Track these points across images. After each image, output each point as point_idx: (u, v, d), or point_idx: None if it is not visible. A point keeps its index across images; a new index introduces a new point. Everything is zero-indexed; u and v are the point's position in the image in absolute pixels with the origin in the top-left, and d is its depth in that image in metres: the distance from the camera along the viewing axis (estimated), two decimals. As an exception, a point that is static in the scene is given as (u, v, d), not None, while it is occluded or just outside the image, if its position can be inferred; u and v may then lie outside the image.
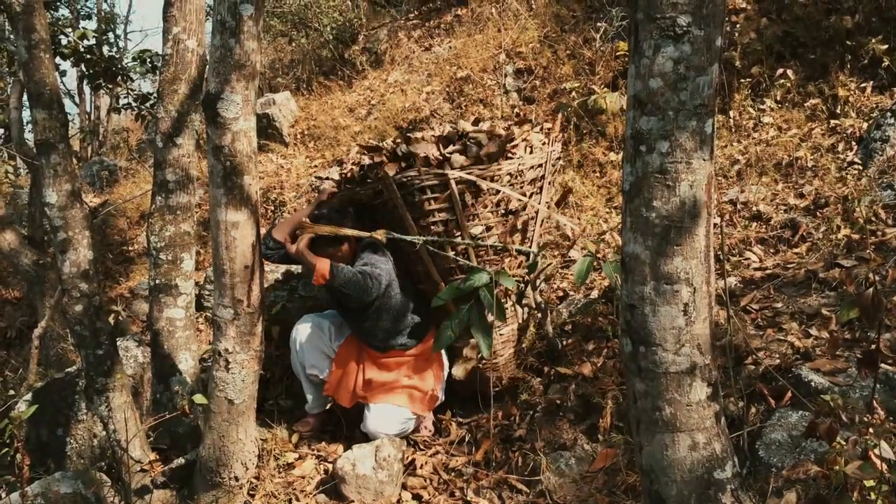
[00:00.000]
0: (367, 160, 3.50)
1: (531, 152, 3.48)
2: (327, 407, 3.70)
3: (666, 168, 1.77)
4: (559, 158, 3.80)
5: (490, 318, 2.67)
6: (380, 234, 3.32)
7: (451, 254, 3.40)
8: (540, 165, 3.51)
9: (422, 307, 3.54)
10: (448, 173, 3.25)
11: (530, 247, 3.62)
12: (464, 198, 3.32)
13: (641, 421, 1.98)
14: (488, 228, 3.44)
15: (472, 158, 3.30)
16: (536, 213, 3.58)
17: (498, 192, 3.38)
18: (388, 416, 3.42)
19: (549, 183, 3.65)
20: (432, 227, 3.37)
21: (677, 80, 1.72)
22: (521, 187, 3.47)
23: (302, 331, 3.60)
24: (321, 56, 8.54)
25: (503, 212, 3.46)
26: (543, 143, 3.55)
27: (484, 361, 3.52)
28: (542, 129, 3.64)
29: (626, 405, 3.04)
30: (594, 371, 3.38)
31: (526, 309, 4.00)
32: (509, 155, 3.39)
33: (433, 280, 3.48)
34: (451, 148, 3.32)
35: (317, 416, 3.69)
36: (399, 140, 3.50)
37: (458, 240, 3.39)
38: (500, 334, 3.60)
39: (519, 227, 3.55)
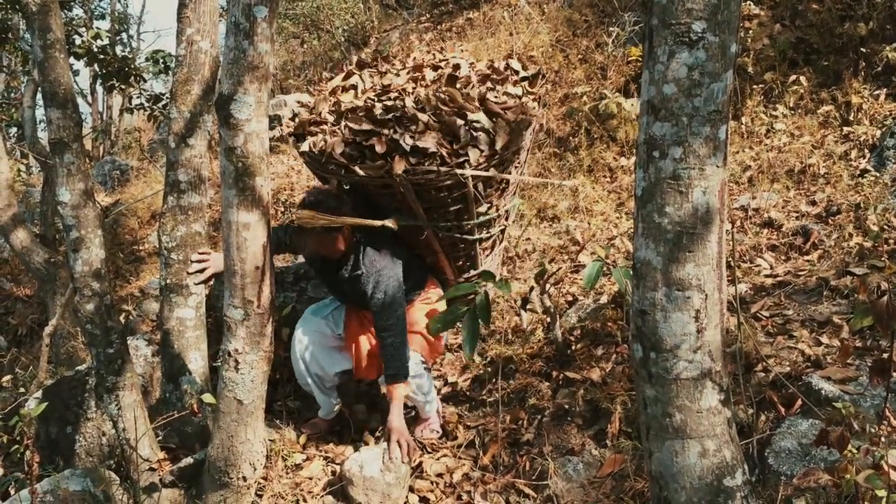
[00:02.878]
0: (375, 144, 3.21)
1: (531, 126, 3.49)
2: (336, 410, 3.69)
3: (679, 174, 1.77)
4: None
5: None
6: (391, 223, 3.26)
7: (457, 235, 3.46)
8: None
9: (418, 260, 3.56)
10: (466, 174, 3.16)
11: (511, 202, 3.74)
12: (477, 188, 3.31)
13: (651, 427, 1.98)
14: (490, 204, 3.50)
15: (487, 152, 3.21)
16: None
17: (502, 184, 3.44)
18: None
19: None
20: (444, 216, 3.39)
21: (691, 87, 1.72)
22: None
23: (303, 344, 3.52)
24: (333, 58, 8.57)
25: (503, 186, 3.51)
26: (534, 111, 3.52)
27: None
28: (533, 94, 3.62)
29: (634, 411, 3.03)
30: (603, 376, 3.37)
31: (531, 314, 4.01)
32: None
33: (437, 255, 3.56)
34: (462, 142, 3.20)
35: (327, 420, 3.69)
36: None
37: (466, 221, 3.43)
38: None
39: (510, 191, 3.64)
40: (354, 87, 3.67)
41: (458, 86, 3.47)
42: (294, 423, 3.70)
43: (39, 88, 3.45)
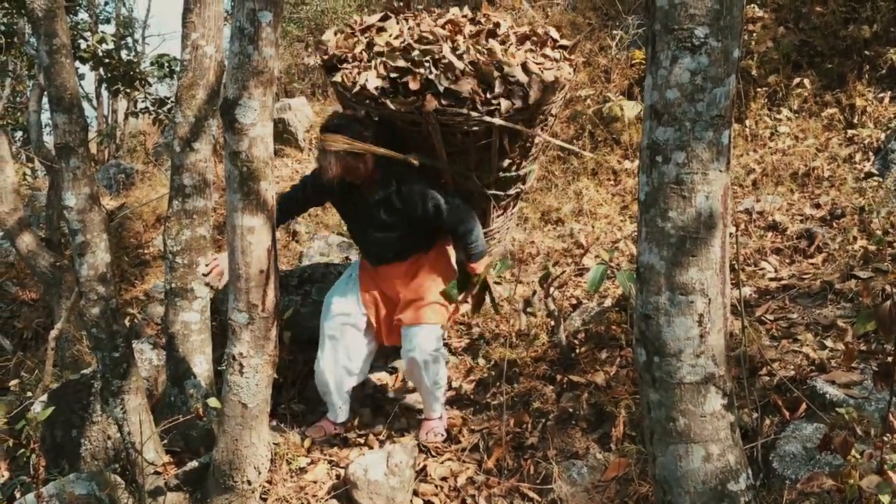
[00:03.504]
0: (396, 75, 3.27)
1: (565, 89, 3.54)
2: (346, 414, 3.69)
3: (682, 179, 1.77)
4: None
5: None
6: (414, 158, 3.28)
7: (476, 186, 3.50)
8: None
9: None
10: (494, 122, 3.20)
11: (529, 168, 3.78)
12: (502, 141, 3.37)
13: (655, 431, 1.98)
14: (512, 163, 3.55)
15: (519, 104, 3.25)
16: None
17: (526, 139, 3.47)
18: (425, 335, 3.41)
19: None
20: (465, 164, 3.43)
21: (694, 91, 1.73)
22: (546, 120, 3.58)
23: (335, 344, 3.56)
24: (337, 62, 8.56)
25: (528, 146, 3.56)
26: (569, 76, 3.59)
27: None
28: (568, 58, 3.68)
29: (639, 414, 3.03)
30: (607, 380, 3.37)
31: (532, 317, 4.01)
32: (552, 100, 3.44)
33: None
34: (496, 92, 3.24)
35: (335, 424, 3.69)
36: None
37: (487, 174, 3.49)
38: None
39: (532, 154, 3.70)
40: (387, 30, 3.65)
41: (497, 41, 3.54)
42: (298, 426, 3.71)
43: (45, 93, 3.46)
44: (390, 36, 3.54)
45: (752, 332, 3.16)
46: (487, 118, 3.19)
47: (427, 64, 3.24)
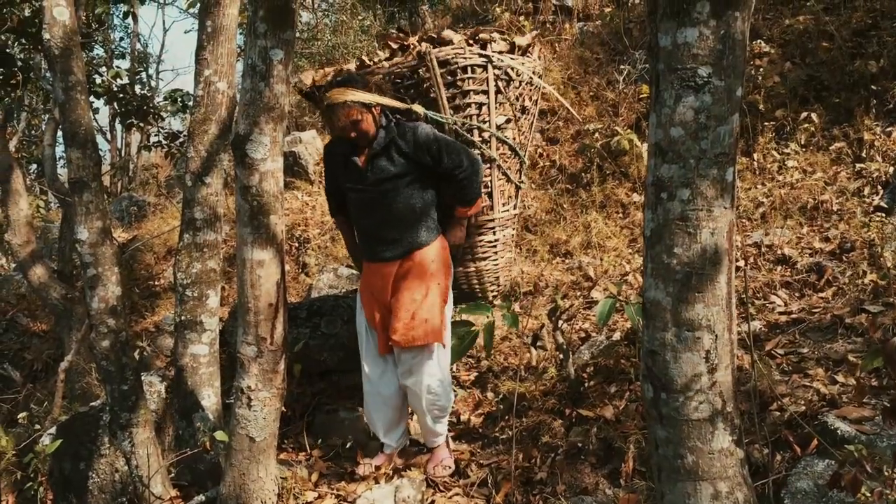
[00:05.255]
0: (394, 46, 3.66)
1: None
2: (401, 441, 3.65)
3: (687, 215, 1.78)
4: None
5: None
6: (418, 108, 3.40)
7: (477, 139, 3.67)
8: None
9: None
10: (490, 54, 3.56)
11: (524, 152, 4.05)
12: (497, 84, 3.64)
13: (663, 468, 1.97)
14: (508, 121, 3.78)
15: (508, 48, 3.67)
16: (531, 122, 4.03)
17: (519, 85, 3.77)
18: (421, 358, 3.32)
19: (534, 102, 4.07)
20: (466, 109, 3.62)
21: (698, 130, 1.74)
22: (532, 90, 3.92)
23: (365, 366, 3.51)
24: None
25: (520, 107, 3.82)
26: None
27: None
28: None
29: (648, 450, 3.01)
30: (616, 414, 3.35)
31: (541, 350, 4.00)
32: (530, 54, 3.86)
33: None
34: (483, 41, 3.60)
35: (388, 455, 3.59)
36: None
37: (485, 126, 3.67)
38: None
39: (527, 127, 3.97)
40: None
41: None
42: (307, 459, 3.70)
43: (60, 127, 3.53)
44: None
45: (762, 366, 3.14)
46: (483, 52, 3.54)
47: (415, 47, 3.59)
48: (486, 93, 3.60)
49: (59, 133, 5.58)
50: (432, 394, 3.38)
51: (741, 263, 4.18)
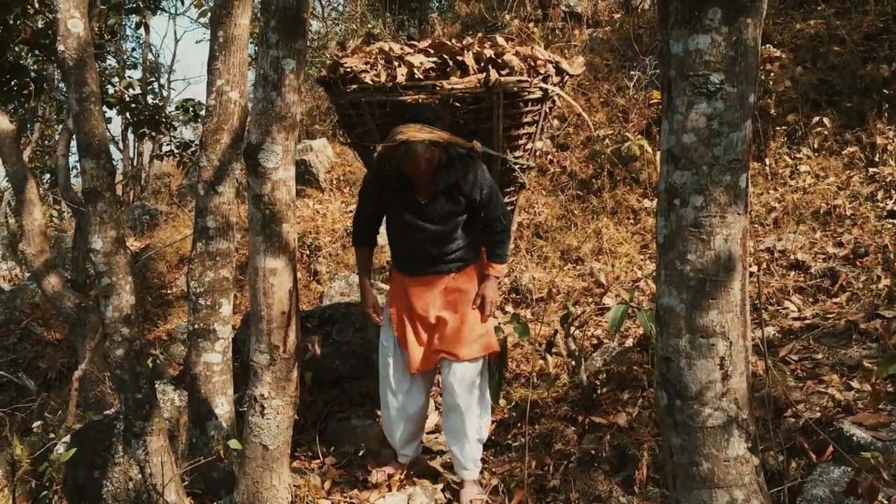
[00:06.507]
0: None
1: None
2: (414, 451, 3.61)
3: (700, 222, 1.78)
4: None
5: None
6: (478, 146, 3.26)
7: (518, 168, 3.58)
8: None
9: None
10: (550, 88, 3.40)
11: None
12: (544, 114, 3.56)
13: (678, 476, 1.96)
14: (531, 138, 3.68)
15: (557, 79, 3.51)
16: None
17: (553, 107, 3.67)
18: (469, 372, 3.27)
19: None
20: (517, 141, 3.53)
21: (711, 136, 1.74)
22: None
23: (385, 378, 3.44)
24: (358, 103, 8.70)
25: (550, 132, 3.76)
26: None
27: None
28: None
29: (662, 457, 2.99)
30: (629, 421, 3.34)
31: (556, 357, 3.99)
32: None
33: None
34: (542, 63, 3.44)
35: (402, 465, 3.56)
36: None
37: (527, 159, 3.62)
38: None
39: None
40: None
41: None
42: (319, 467, 3.70)
43: (73, 137, 3.56)
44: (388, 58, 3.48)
45: (777, 372, 3.12)
46: (545, 85, 3.37)
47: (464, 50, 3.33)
48: (536, 123, 3.49)
49: (73, 143, 5.63)
50: (475, 412, 3.31)
51: (754, 269, 4.16)
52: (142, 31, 14.34)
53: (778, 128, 5.26)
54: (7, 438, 4.68)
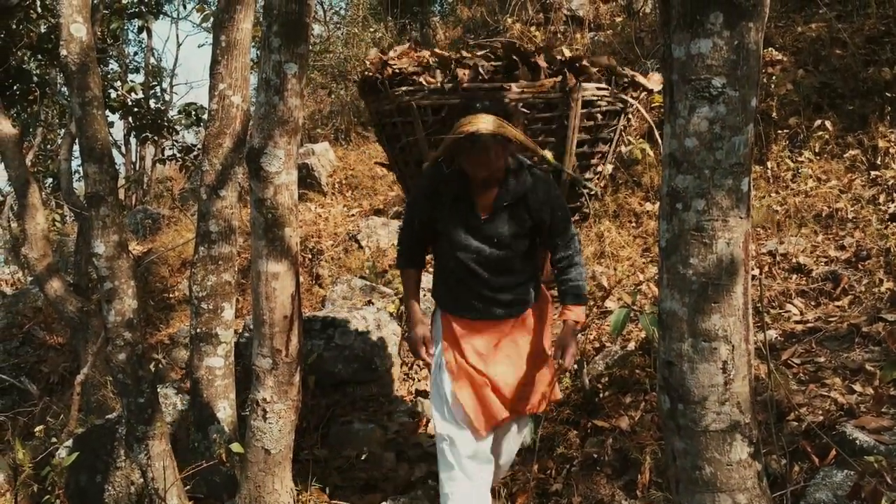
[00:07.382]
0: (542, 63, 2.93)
1: None
2: None
3: (702, 226, 1.78)
4: None
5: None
6: (550, 156, 2.95)
7: (587, 192, 3.25)
8: None
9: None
10: (630, 100, 3.05)
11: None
12: (620, 131, 3.23)
13: (681, 480, 1.95)
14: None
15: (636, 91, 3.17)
16: None
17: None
18: (522, 428, 2.99)
19: None
20: (591, 160, 3.19)
21: (713, 140, 1.74)
22: None
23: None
24: (359, 107, 8.72)
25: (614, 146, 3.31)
26: None
27: None
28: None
29: (664, 461, 2.99)
30: (632, 425, 3.33)
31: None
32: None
33: None
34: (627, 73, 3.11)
35: None
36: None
37: (596, 184, 3.26)
38: None
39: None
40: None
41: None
42: (321, 471, 3.69)
43: (76, 142, 3.57)
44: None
45: (779, 376, 3.12)
46: (625, 97, 3.03)
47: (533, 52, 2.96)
48: (610, 142, 3.14)
49: (75, 147, 5.64)
50: (509, 463, 3.11)
51: (756, 272, 4.16)
52: (144, 35, 14.35)
53: (780, 131, 5.25)
54: (9, 442, 4.69)
